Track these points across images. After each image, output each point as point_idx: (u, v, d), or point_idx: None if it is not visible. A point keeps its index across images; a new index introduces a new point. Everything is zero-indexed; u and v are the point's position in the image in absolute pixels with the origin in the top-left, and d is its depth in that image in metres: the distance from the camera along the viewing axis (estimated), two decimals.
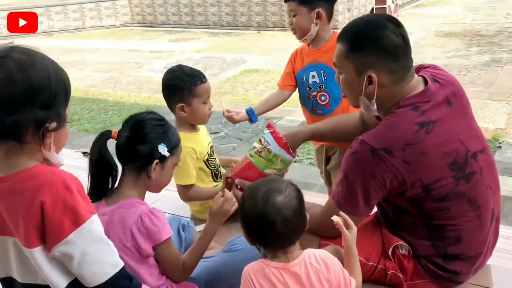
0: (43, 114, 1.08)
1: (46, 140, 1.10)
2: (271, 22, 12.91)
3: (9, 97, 1.05)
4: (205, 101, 2.14)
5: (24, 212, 1.08)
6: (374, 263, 1.62)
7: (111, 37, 13.34)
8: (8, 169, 1.11)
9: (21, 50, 1.11)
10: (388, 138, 1.45)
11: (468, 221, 1.53)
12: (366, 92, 1.53)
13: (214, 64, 9.22)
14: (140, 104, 6.87)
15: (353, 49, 1.53)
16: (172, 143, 1.58)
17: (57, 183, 1.07)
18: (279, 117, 5.98)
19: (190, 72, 2.13)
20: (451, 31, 11.10)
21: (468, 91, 6.41)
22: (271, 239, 1.31)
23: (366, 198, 1.50)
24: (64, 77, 1.15)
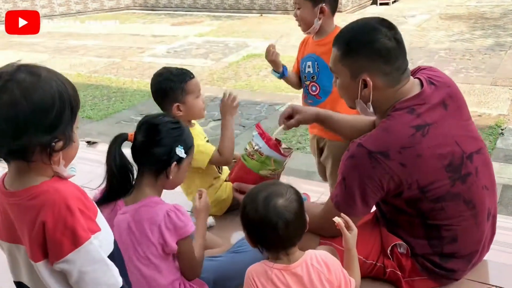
0: (48, 136, 1.09)
1: (53, 158, 1.12)
2: (274, 5, 12.81)
3: (13, 122, 1.05)
4: (198, 95, 2.20)
5: (28, 229, 1.12)
6: (373, 261, 1.66)
7: (113, 21, 13.27)
8: (18, 184, 1.14)
9: (27, 70, 1.10)
10: (385, 141, 1.48)
11: (463, 221, 1.56)
12: (362, 95, 1.55)
13: (216, 49, 9.19)
14: (143, 90, 6.87)
15: (347, 53, 1.55)
16: (187, 144, 1.63)
17: (59, 203, 1.10)
18: (282, 103, 5.99)
19: (177, 71, 2.18)
20: (455, 13, 11.00)
21: (471, 76, 6.39)
22: (273, 241, 1.34)
23: (363, 199, 1.54)
24: (70, 94, 1.14)
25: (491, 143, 4.50)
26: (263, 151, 1.86)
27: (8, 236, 1.20)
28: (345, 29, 1.61)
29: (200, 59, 8.55)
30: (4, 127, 1.05)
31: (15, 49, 10.34)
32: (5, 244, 1.22)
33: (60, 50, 10.04)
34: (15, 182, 1.15)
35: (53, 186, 1.13)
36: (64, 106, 1.11)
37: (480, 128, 4.84)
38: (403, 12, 11.60)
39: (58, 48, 10.22)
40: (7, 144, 1.07)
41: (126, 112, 6.04)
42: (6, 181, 1.18)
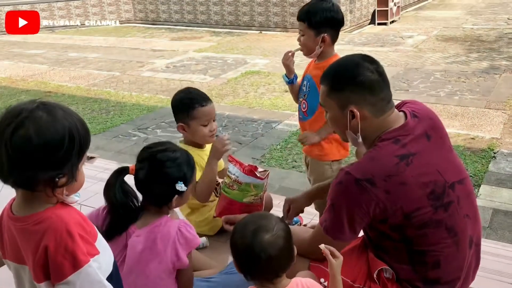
0: (53, 172, 1.18)
1: (56, 191, 1.21)
2: (273, 22, 12.97)
3: (23, 155, 1.15)
4: (204, 124, 2.22)
5: (32, 252, 1.21)
6: (360, 285, 1.71)
7: (113, 34, 13.40)
8: (24, 210, 1.25)
9: (45, 108, 1.20)
10: (371, 170, 1.56)
11: (445, 247, 1.62)
12: (351, 125, 1.64)
13: (215, 65, 9.29)
14: (141, 104, 6.94)
15: (333, 88, 1.67)
16: (188, 175, 1.71)
17: (60, 229, 1.20)
18: (278, 120, 6.07)
19: (192, 95, 2.25)
20: (451, 35, 11.17)
21: (466, 99, 6.50)
22: (258, 272, 1.40)
23: (351, 225, 1.60)
24: (80, 135, 1.22)
25: (483, 166, 4.57)
26: (241, 179, 1.96)
27: (14, 257, 1.29)
28: (331, 67, 1.74)
29: (199, 74, 8.65)
30: (15, 158, 1.15)
31: (15, 60, 10.43)
32: (12, 264, 1.32)
33: (60, 62, 10.13)
34: (22, 207, 1.25)
35: (56, 212, 1.23)
36: (73, 147, 1.20)
37: (473, 151, 4.91)
38: (400, 33, 11.76)
39: (58, 60, 10.31)
40: (14, 174, 1.17)
41: (124, 126, 6.10)
42: (13, 206, 1.28)
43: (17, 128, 1.15)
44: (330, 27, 2.52)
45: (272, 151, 5.18)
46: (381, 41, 10.97)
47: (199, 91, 2.30)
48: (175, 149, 1.72)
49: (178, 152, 1.70)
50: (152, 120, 6.24)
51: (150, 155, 1.68)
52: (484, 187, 4.18)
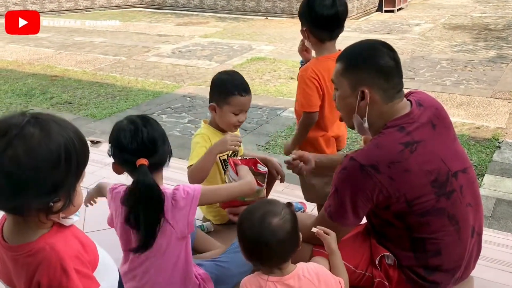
0: (47, 198, 1.05)
1: (50, 217, 1.09)
2: (279, 8, 12.89)
3: (12, 179, 1.01)
4: (236, 112, 2.20)
5: (25, 285, 1.11)
6: (362, 270, 1.74)
7: (119, 19, 13.36)
8: (15, 237, 1.13)
9: (37, 123, 1.05)
10: (375, 156, 1.58)
11: (447, 235, 1.65)
12: (359, 107, 1.66)
13: (221, 51, 9.27)
14: (147, 90, 6.96)
15: (349, 66, 1.68)
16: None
17: (54, 264, 1.08)
18: (283, 107, 6.08)
19: (236, 82, 2.21)
20: (459, 23, 11.08)
21: (472, 88, 6.48)
22: (267, 258, 1.43)
23: (354, 210, 1.63)
24: (77, 152, 1.08)
25: (487, 156, 4.58)
26: None
27: (6, 279, 1.20)
28: (350, 47, 1.74)
29: (205, 60, 8.64)
30: (3, 183, 1.01)
31: (21, 44, 10.43)
32: (4, 284, 1.23)
33: (66, 46, 10.13)
34: (13, 234, 1.13)
35: (50, 243, 1.10)
36: (70, 166, 1.06)
37: (477, 140, 4.92)
38: (407, 20, 11.68)
39: (64, 44, 10.31)
40: (3, 202, 1.05)
41: (130, 111, 6.12)
42: (4, 231, 1.17)
43: (6, 149, 1.00)
44: (308, 22, 2.30)
45: (277, 138, 5.19)
46: (388, 28, 10.90)
47: (243, 79, 2.25)
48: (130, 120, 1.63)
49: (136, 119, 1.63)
50: (157, 105, 6.27)
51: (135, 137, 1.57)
52: (488, 177, 4.19)
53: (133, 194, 1.52)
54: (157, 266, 1.67)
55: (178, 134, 5.37)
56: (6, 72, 8.07)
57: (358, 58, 1.67)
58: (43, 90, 7.00)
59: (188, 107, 6.21)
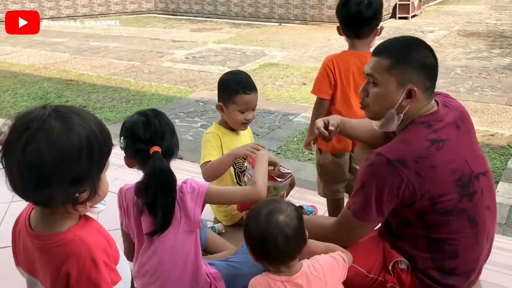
0: (73, 189, 1.06)
1: (78, 206, 1.10)
2: (293, 15, 12.92)
3: (36, 174, 1.02)
4: (242, 110, 2.25)
5: (52, 275, 1.13)
6: (375, 275, 1.74)
7: (134, 24, 13.51)
8: (43, 227, 1.15)
9: (58, 116, 1.06)
10: (403, 151, 1.59)
11: (465, 237, 1.65)
12: (401, 105, 1.65)
13: (234, 57, 9.32)
14: (161, 94, 7.02)
15: (398, 62, 1.63)
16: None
17: (84, 256, 1.10)
18: (296, 113, 6.08)
19: (240, 80, 2.25)
20: (474, 30, 11.00)
21: (486, 95, 6.41)
22: (274, 255, 1.43)
23: (379, 206, 1.63)
24: (100, 142, 1.09)
25: (502, 163, 4.53)
26: None
27: (28, 268, 1.22)
28: (391, 42, 1.70)
29: (218, 66, 8.68)
30: (27, 177, 1.03)
31: (38, 48, 10.58)
32: (25, 273, 1.25)
33: (81, 51, 10.26)
34: (41, 224, 1.15)
35: (79, 235, 1.12)
36: (93, 157, 1.07)
37: (492, 147, 4.87)
38: (421, 27, 11.63)
39: (79, 49, 10.44)
40: (29, 195, 1.07)
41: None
42: (32, 220, 1.18)
43: (28, 143, 1.01)
44: (340, 20, 2.41)
45: (289, 143, 5.20)
46: (402, 35, 10.86)
47: (248, 77, 2.29)
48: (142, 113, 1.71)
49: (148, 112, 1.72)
50: (170, 110, 6.31)
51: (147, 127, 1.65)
52: (502, 184, 4.14)
53: (150, 179, 1.58)
54: (167, 262, 1.69)
55: (190, 138, 5.40)
56: (22, 76, 8.20)
57: (407, 55, 1.63)
58: (59, 94, 7.10)
59: (201, 111, 6.25)
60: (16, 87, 7.45)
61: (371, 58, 1.71)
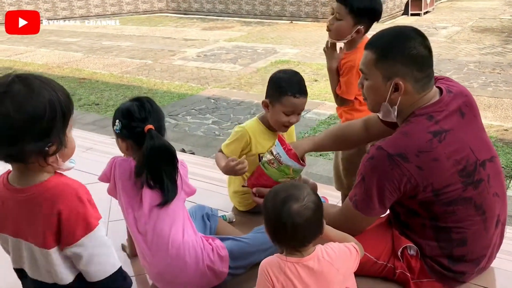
0: (41, 143, 1.19)
1: (49, 159, 1.23)
2: (304, 12, 12.90)
3: (7, 131, 1.16)
4: (288, 113, 2.17)
5: (43, 220, 1.25)
6: (384, 262, 1.73)
7: (146, 24, 13.60)
8: (23, 182, 1.27)
9: (21, 81, 1.19)
10: (404, 145, 1.56)
11: (473, 225, 1.63)
12: (391, 98, 1.63)
13: (245, 54, 9.33)
14: (172, 92, 7.06)
15: (382, 57, 1.62)
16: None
17: (71, 195, 1.24)
18: (307, 109, 6.07)
19: (292, 81, 2.17)
20: (488, 26, 10.88)
21: (500, 90, 6.34)
22: (284, 239, 1.44)
23: (381, 200, 1.62)
24: (61, 102, 1.22)
25: None
26: (283, 160, 1.96)
27: (11, 231, 1.32)
28: (380, 35, 1.68)
29: (229, 63, 8.71)
30: (0, 135, 1.17)
31: (51, 48, 10.71)
32: (9, 238, 1.34)
33: (94, 50, 10.35)
34: (21, 179, 1.27)
35: (61, 180, 1.27)
36: (55, 115, 1.20)
37: (505, 142, 4.82)
38: (434, 24, 11.53)
39: (92, 48, 10.54)
40: (4, 150, 1.19)
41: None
42: (11, 179, 1.30)
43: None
44: (369, 17, 2.38)
45: (300, 139, 5.18)
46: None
47: (301, 80, 2.20)
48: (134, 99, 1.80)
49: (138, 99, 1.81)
50: (182, 107, 6.34)
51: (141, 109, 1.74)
52: None
53: (151, 154, 1.66)
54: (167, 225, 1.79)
55: (201, 134, 5.43)
56: None
57: (391, 48, 1.61)
58: (72, 92, 7.17)
59: (212, 108, 6.27)
60: None
61: (363, 52, 1.70)
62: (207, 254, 1.82)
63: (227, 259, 1.86)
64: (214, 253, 1.84)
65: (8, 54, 10.21)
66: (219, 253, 1.85)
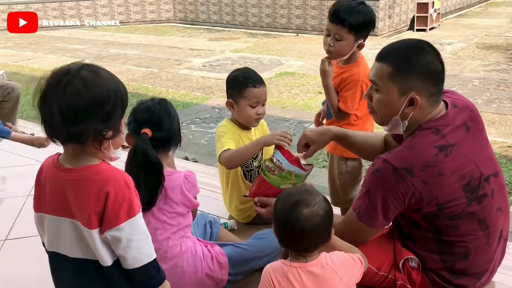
0: (102, 125, 1.27)
1: (103, 144, 1.30)
2: (310, 25, 12.99)
3: (75, 110, 1.24)
4: (253, 105, 2.22)
5: (91, 199, 1.29)
6: (385, 273, 1.73)
7: (153, 33, 13.71)
8: (77, 163, 1.33)
9: (90, 68, 1.29)
10: (410, 159, 1.56)
11: (476, 239, 1.62)
12: (404, 112, 1.62)
13: (250, 65, 9.37)
14: (177, 100, 7.10)
15: (400, 70, 1.59)
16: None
17: (120, 179, 1.31)
18: (311, 121, 6.08)
19: (248, 75, 2.25)
20: (493, 43, 10.92)
21: (504, 107, 6.35)
22: (290, 241, 1.45)
23: (385, 212, 1.61)
24: (122, 93, 1.32)
25: None
26: (284, 167, 1.96)
27: (55, 209, 1.36)
28: (395, 47, 1.65)
29: None
30: (67, 114, 1.23)
31: (58, 54, 10.80)
32: (49, 217, 1.38)
33: (101, 57, 10.43)
34: (73, 160, 1.33)
35: (110, 166, 1.35)
36: (117, 102, 1.29)
37: (508, 159, 4.82)
38: (439, 39, 11.57)
39: (99, 56, 10.62)
40: (67, 129, 1.25)
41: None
42: (61, 160, 1.36)
43: (67, 86, 1.23)
44: (368, 30, 2.39)
45: None
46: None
47: (255, 73, 2.29)
48: (151, 99, 1.82)
49: (156, 99, 1.82)
50: (187, 115, 6.37)
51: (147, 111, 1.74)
52: None
53: (131, 157, 1.68)
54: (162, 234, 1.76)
55: (205, 143, 5.45)
56: None
57: (409, 62, 1.58)
58: None
59: (217, 118, 6.30)
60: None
61: (375, 63, 1.66)
62: (207, 263, 1.82)
63: (227, 266, 1.86)
64: (213, 261, 1.84)
65: (16, 59, 10.30)
66: (218, 261, 1.85)
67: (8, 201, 2.88)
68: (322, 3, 12.64)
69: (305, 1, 13.01)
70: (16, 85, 4.32)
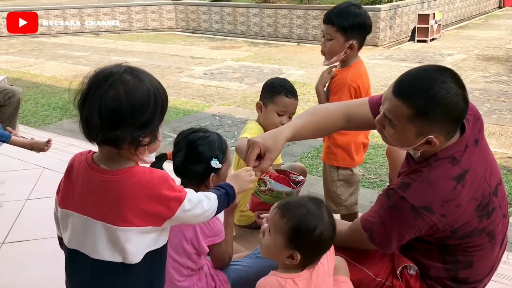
0: (139, 132, 1.26)
1: (139, 149, 1.30)
2: (311, 35, 13.04)
3: (113, 115, 1.23)
4: (280, 113, 2.30)
5: (130, 200, 1.29)
6: (383, 279, 1.72)
7: (155, 41, 13.76)
8: (111, 164, 1.32)
9: (131, 72, 1.28)
10: (429, 197, 1.51)
11: (482, 249, 1.62)
12: (417, 147, 1.54)
13: (251, 74, 9.41)
14: (178, 108, 7.10)
15: (421, 115, 1.46)
16: (222, 153, 1.79)
17: (157, 178, 1.31)
18: None
19: (284, 84, 2.36)
20: (493, 55, 10.95)
21: (505, 118, 6.33)
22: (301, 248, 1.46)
23: (399, 241, 1.60)
24: (163, 98, 1.31)
25: None
26: (274, 188, 1.96)
27: (84, 209, 1.34)
28: (417, 85, 1.47)
29: (235, 82, 8.78)
30: (106, 118, 1.23)
31: (59, 61, 10.83)
32: (76, 214, 1.35)
33: (102, 64, 10.40)
34: (109, 162, 1.33)
35: (146, 169, 1.35)
36: (156, 108, 1.29)
37: (509, 170, 4.81)
38: (440, 50, 11.62)
39: (101, 63, 10.64)
40: (104, 133, 1.25)
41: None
42: (97, 160, 1.34)
43: (108, 89, 1.23)
44: (359, 32, 2.43)
45: (303, 158, 5.20)
46: (420, 57, 10.86)
47: (292, 85, 2.38)
48: (207, 131, 1.82)
49: (209, 133, 1.78)
50: (187, 123, 6.37)
51: (184, 138, 1.76)
52: None
53: None
54: None
55: None
56: (44, 86, 8.38)
57: (433, 108, 1.44)
58: None
59: (217, 125, 6.30)
60: (37, 97, 7.62)
61: (391, 98, 1.50)
62: None
63: None
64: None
65: (18, 65, 10.33)
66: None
67: (7, 205, 2.88)
68: (323, 13, 12.67)
69: (307, 11, 13.08)
70: (18, 90, 4.33)
